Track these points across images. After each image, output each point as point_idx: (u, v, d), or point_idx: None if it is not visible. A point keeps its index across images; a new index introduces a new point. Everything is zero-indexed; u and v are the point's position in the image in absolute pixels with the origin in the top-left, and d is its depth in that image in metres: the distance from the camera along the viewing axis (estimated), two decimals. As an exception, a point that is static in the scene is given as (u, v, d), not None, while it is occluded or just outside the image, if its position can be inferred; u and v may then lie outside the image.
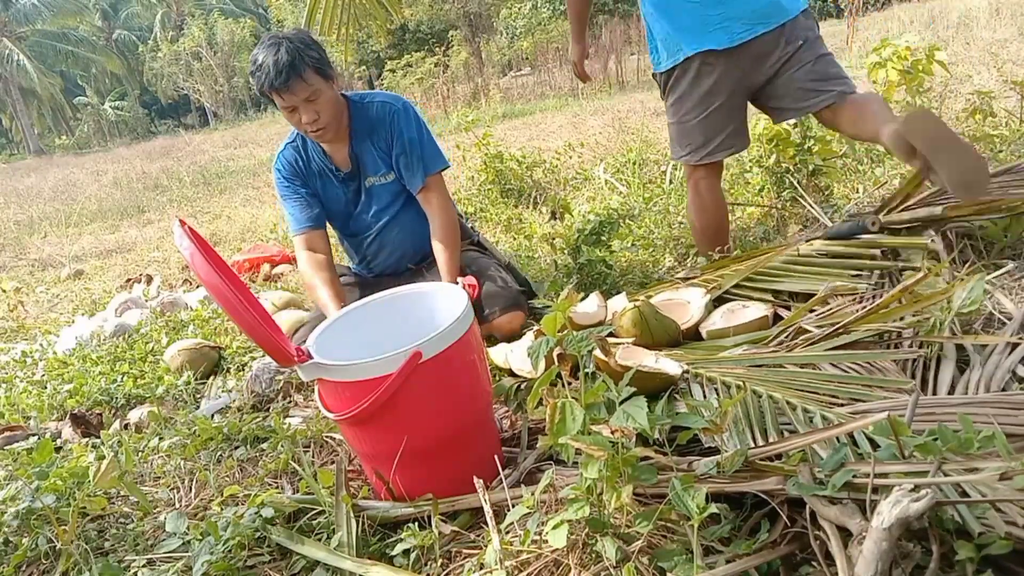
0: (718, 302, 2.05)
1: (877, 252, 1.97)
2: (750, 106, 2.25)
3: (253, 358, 2.56)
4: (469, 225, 2.52)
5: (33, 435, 2.20)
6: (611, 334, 1.91)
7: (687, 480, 1.05)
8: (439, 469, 1.45)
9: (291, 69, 1.87)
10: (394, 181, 2.20)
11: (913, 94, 3.45)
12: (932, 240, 1.96)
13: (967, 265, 1.95)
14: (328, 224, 2.30)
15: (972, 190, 1.71)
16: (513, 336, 2.11)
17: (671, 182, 3.96)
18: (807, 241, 2.17)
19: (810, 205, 2.79)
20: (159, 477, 1.82)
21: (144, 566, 1.40)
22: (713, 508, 1.00)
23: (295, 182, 2.19)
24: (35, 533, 1.50)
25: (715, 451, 1.31)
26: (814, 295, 1.87)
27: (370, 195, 2.22)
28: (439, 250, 2.09)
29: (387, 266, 2.35)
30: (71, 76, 31.02)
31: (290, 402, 2.17)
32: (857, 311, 1.67)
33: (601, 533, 1.09)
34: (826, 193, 3.00)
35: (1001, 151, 3.15)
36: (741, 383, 1.51)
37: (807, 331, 1.68)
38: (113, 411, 2.35)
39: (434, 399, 1.39)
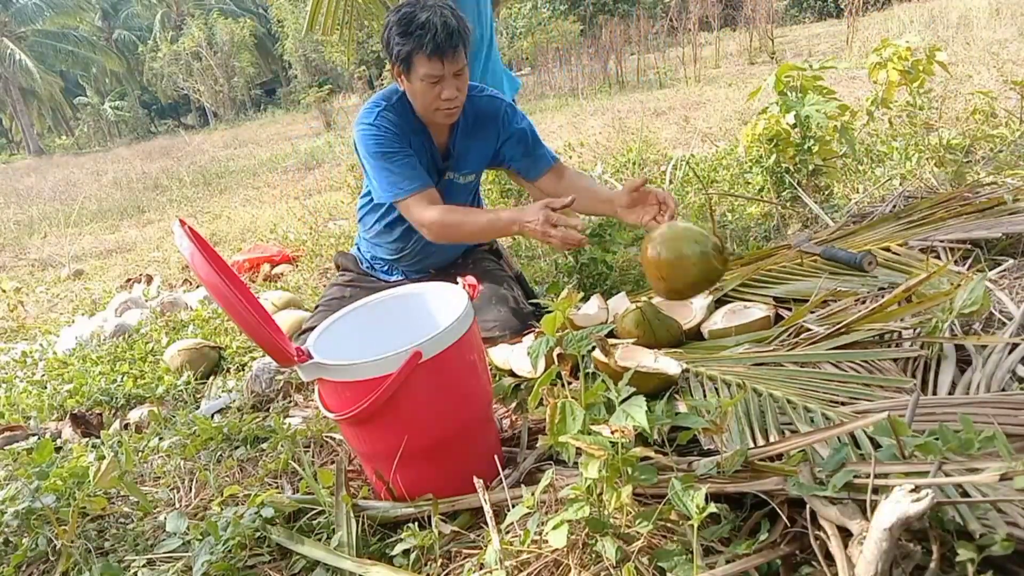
0: (719, 303, 2.05)
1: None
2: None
3: (253, 358, 2.56)
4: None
5: (33, 435, 2.19)
6: (611, 334, 1.91)
7: (687, 480, 1.05)
8: (439, 469, 1.44)
9: (459, 35, 1.78)
10: (471, 183, 2.15)
11: (914, 94, 3.45)
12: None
13: (969, 261, 1.95)
14: (387, 207, 2.14)
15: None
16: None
17: (671, 182, 3.96)
18: (805, 253, 2.18)
19: (811, 205, 2.79)
20: (159, 477, 1.82)
21: (144, 566, 1.40)
22: (713, 508, 1.00)
23: (402, 140, 1.96)
24: (35, 533, 1.50)
25: (715, 451, 1.31)
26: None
27: (444, 191, 2.08)
28: (587, 182, 2.11)
29: (416, 269, 2.29)
30: (71, 76, 31.01)
31: (290, 402, 2.17)
32: (859, 311, 1.67)
33: (601, 533, 1.09)
34: (826, 193, 3.00)
35: (1001, 151, 3.15)
36: (742, 382, 1.51)
37: (808, 330, 1.68)
38: (113, 411, 2.35)
39: (434, 399, 1.39)
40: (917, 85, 3.36)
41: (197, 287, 3.85)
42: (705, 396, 1.52)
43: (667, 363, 1.61)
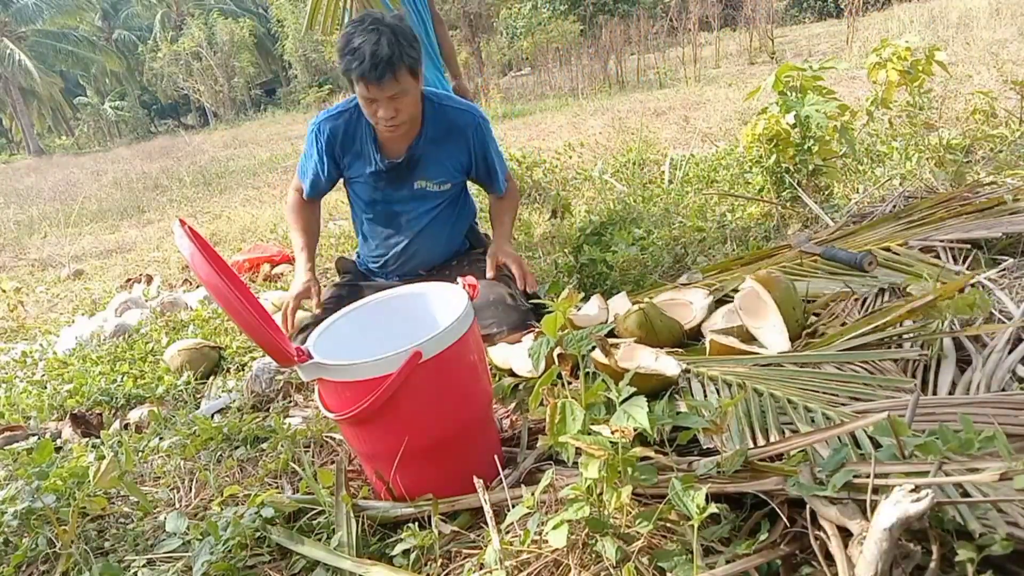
0: (720, 303, 2.05)
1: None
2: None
3: (253, 358, 2.56)
4: (484, 233, 2.51)
5: (33, 435, 2.19)
6: (611, 333, 1.92)
7: (687, 480, 1.05)
8: (439, 469, 1.45)
9: (387, 65, 1.79)
10: (447, 191, 2.19)
11: (913, 94, 3.45)
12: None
13: (968, 260, 1.95)
14: (362, 212, 2.30)
15: None
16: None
17: (671, 182, 3.96)
18: (805, 253, 2.18)
19: (811, 205, 2.79)
20: (159, 477, 1.82)
21: (144, 566, 1.40)
22: (713, 508, 1.00)
23: (329, 154, 2.15)
24: (35, 533, 1.50)
25: (715, 451, 1.31)
26: (816, 298, 1.87)
27: (416, 197, 2.18)
28: (499, 216, 2.24)
29: (405, 270, 2.31)
30: (71, 76, 30.98)
31: (290, 402, 2.17)
32: (859, 314, 1.67)
33: (601, 533, 1.09)
34: (826, 193, 3.00)
35: (1001, 151, 3.15)
36: (742, 382, 1.51)
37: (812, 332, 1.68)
38: (113, 411, 2.35)
39: (434, 399, 1.39)
40: (917, 85, 3.36)
41: (197, 287, 3.85)
42: (706, 396, 1.52)
43: (667, 363, 1.61)
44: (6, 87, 25.76)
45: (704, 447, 1.37)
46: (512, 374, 1.92)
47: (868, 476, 0.97)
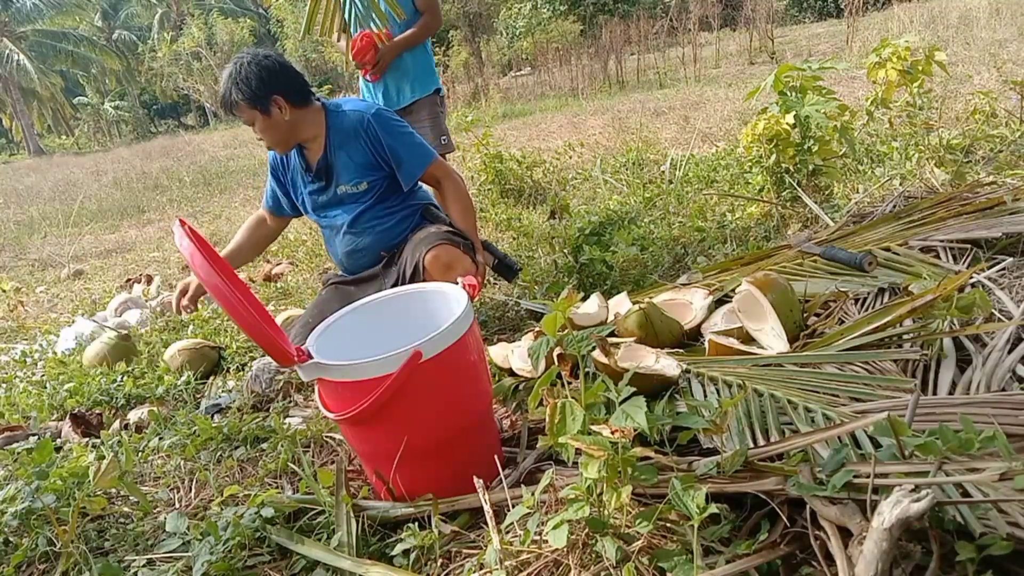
0: (720, 303, 2.05)
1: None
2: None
3: (253, 358, 2.56)
4: (445, 215, 2.48)
5: (33, 435, 2.19)
6: (612, 334, 1.92)
7: (687, 480, 1.05)
8: (439, 469, 1.45)
9: (224, 100, 2.09)
10: (365, 191, 2.25)
11: (913, 94, 3.45)
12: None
13: (968, 259, 1.95)
14: (318, 224, 2.43)
15: None
16: (449, 272, 2.01)
17: (671, 182, 3.96)
18: (805, 253, 2.18)
19: (811, 205, 2.79)
20: (159, 477, 1.82)
21: (144, 566, 1.40)
22: (713, 508, 1.00)
23: (275, 173, 2.41)
24: (35, 533, 1.50)
25: (715, 451, 1.31)
26: (814, 298, 1.87)
27: (341, 201, 2.28)
28: (453, 219, 2.26)
29: (360, 265, 2.37)
30: (71, 76, 30.97)
31: (290, 402, 2.17)
32: (859, 314, 1.66)
33: (601, 533, 1.09)
34: (826, 193, 3.00)
35: (1001, 151, 3.15)
36: (742, 383, 1.51)
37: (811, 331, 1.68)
38: (113, 411, 2.35)
39: (434, 399, 1.39)
40: (916, 85, 3.36)
41: (197, 287, 3.84)
42: (706, 396, 1.52)
43: (667, 364, 1.61)
44: (6, 87, 25.74)
45: (704, 447, 1.37)
46: (512, 374, 1.92)
47: (868, 476, 0.97)
